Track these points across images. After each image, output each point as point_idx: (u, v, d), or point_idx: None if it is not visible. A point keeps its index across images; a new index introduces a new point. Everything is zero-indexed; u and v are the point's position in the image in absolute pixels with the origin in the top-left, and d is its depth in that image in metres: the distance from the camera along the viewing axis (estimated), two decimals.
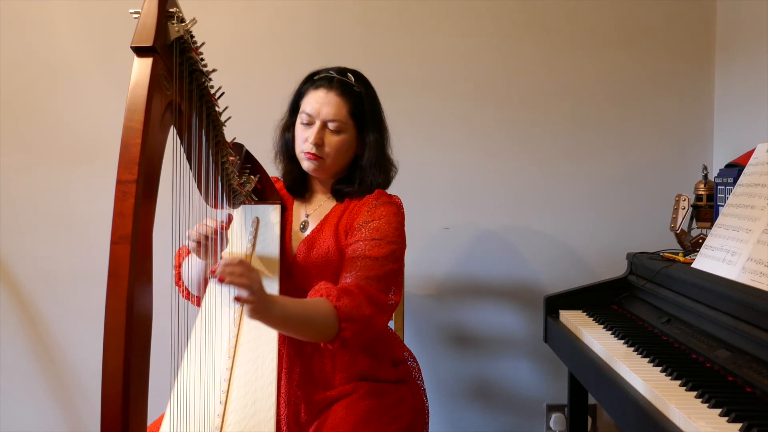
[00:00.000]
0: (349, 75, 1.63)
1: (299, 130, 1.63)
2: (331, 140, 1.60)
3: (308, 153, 1.60)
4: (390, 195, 1.66)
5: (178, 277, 1.65)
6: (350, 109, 1.60)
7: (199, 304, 1.56)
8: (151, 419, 1.11)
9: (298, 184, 1.71)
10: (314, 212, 1.69)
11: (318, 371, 1.58)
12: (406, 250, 1.63)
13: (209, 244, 1.45)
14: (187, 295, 1.63)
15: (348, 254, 1.54)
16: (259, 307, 1.27)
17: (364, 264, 1.49)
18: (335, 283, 1.54)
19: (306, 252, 1.61)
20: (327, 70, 1.65)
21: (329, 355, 1.57)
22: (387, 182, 1.69)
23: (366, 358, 1.60)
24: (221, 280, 1.22)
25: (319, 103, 1.59)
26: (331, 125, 1.59)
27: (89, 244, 2.39)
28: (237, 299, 1.24)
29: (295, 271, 1.62)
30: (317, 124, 1.59)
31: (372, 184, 1.64)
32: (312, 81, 1.64)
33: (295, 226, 1.69)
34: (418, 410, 1.64)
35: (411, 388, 1.66)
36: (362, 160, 1.64)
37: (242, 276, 1.23)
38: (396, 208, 1.61)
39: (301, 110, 1.63)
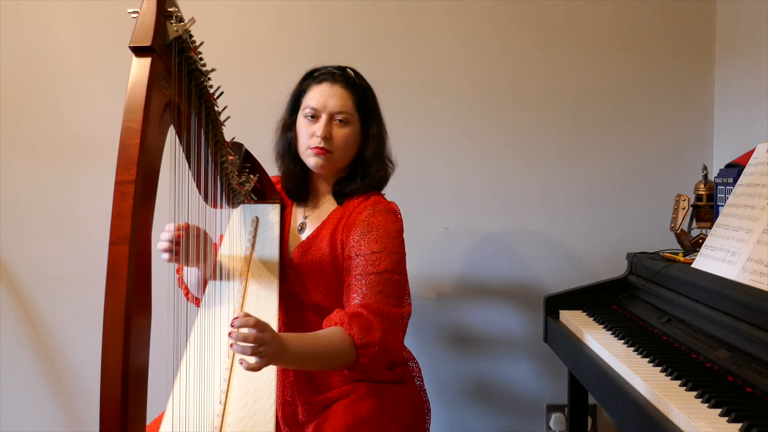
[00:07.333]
0: (349, 71, 1.64)
1: (303, 126, 1.61)
2: (339, 133, 1.59)
3: (316, 147, 1.58)
4: (387, 201, 1.63)
5: (181, 280, 1.65)
6: (356, 101, 1.60)
7: (198, 305, 1.56)
8: (150, 418, 1.11)
9: (299, 185, 1.68)
10: (313, 214, 1.67)
11: (317, 372, 1.57)
12: (407, 251, 1.62)
13: (180, 249, 1.42)
14: (190, 296, 1.63)
15: (352, 273, 1.50)
16: (268, 362, 1.25)
17: (368, 281, 1.46)
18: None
19: (301, 257, 1.59)
20: (325, 67, 1.65)
21: None
22: (386, 179, 1.67)
23: None
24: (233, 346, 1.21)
25: (325, 96, 1.58)
26: (338, 117, 1.58)
27: (89, 244, 2.39)
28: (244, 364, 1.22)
29: (290, 275, 1.61)
30: (324, 117, 1.58)
31: (375, 177, 1.63)
32: (313, 77, 1.64)
33: (293, 227, 1.67)
34: (417, 410, 1.63)
35: (409, 387, 1.65)
36: (365, 153, 1.63)
37: (255, 341, 1.21)
38: (393, 216, 1.58)
39: (303, 106, 1.61)
